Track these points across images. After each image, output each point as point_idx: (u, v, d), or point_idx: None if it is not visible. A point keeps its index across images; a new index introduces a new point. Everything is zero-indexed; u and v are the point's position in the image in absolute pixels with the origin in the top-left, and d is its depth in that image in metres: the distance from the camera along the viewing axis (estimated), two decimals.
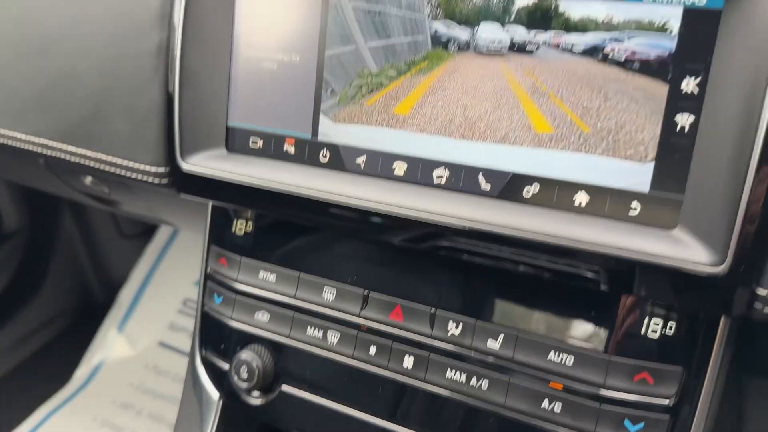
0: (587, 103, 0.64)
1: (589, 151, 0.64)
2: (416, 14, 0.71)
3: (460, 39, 0.69)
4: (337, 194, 0.74)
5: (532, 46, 0.66)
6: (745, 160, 0.56)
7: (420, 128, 0.72)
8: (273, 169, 0.79)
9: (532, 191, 0.68)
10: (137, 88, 0.84)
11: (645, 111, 0.61)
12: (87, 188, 1.21)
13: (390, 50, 0.73)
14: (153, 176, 0.86)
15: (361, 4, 0.73)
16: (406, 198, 0.72)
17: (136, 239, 2.15)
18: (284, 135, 0.80)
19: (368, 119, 0.75)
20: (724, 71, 0.57)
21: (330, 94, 0.77)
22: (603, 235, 0.62)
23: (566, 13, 0.64)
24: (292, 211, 0.79)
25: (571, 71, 0.64)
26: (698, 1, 0.58)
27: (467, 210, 0.69)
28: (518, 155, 0.68)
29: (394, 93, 0.74)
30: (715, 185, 0.58)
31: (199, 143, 0.82)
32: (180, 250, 2.12)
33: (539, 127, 0.66)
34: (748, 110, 0.55)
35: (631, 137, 0.62)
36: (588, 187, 0.65)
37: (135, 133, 0.86)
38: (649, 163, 0.62)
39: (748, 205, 0.56)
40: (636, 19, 0.61)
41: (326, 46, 0.76)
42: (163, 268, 2.13)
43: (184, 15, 0.78)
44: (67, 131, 0.91)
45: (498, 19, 0.67)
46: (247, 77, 0.81)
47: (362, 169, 0.76)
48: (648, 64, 0.61)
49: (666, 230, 0.61)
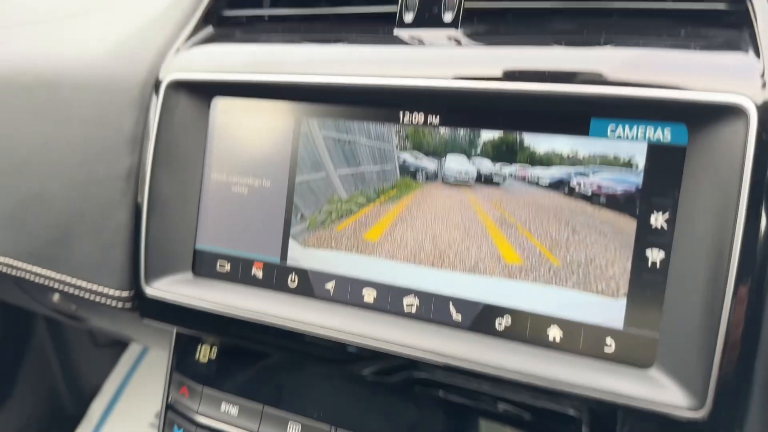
0: (556, 236, 0.63)
1: (560, 284, 0.62)
2: (385, 144, 0.71)
3: (428, 169, 0.69)
4: (305, 323, 0.72)
5: (498, 178, 0.66)
6: (719, 299, 0.54)
7: (390, 255, 0.71)
8: (239, 295, 0.76)
9: (504, 323, 0.65)
10: (105, 212, 0.83)
11: (614, 245, 0.60)
12: (55, 305, 1.17)
13: (359, 178, 0.73)
14: (116, 300, 0.83)
15: (332, 133, 0.74)
16: (376, 328, 0.69)
17: (110, 349, 2.08)
18: (253, 259, 0.78)
19: (338, 244, 0.74)
20: (692, 207, 0.57)
21: (300, 218, 0.76)
22: (578, 374, 0.59)
23: (531, 147, 0.64)
24: (258, 339, 0.76)
25: (538, 204, 0.64)
26: (663, 138, 0.59)
27: (438, 343, 0.66)
28: (489, 286, 0.66)
29: (363, 219, 0.73)
30: (690, 324, 0.56)
31: (165, 267, 0.80)
32: (154, 361, 2.06)
33: (509, 258, 0.65)
34: (718, 248, 0.54)
35: (601, 271, 0.61)
36: (561, 321, 0.63)
37: (100, 256, 0.84)
38: (622, 298, 0.60)
39: (725, 345, 0.54)
40: (600, 154, 0.61)
41: (297, 172, 0.76)
42: (136, 379, 2.06)
43: (155, 139, 0.78)
44: (34, 252, 0.89)
45: (464, 152, 0.67)
46: (217, 201, 0.80)
47: (331, 295, 0.74)
48: (615, 198, 0.61)
49: (642, 369, 0.59)
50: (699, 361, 0.55)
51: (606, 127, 0.61)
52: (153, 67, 0.82)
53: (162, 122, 0.79)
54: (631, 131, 0.60)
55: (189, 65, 0.80)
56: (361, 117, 0.72)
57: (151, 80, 0.82)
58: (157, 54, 0.83)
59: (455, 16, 0.70)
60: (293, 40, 0.77)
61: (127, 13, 0.94)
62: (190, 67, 0.79)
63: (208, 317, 0.77)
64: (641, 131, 0.59)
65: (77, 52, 0.90)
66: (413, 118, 0.69)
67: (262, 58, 0.76)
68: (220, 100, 0.80)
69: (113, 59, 0.86)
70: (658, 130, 0.59)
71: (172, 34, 0.85)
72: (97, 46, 0.89)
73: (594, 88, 0.59)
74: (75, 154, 0.85)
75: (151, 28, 0.87)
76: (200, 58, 0.80)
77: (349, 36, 0.75)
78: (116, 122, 0.82)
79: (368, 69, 0.69)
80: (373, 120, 0.72)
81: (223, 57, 0.79)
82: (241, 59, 0.77)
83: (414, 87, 0.66)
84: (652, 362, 0.58)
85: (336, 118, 0.74)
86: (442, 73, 0.65)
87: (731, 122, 0.54)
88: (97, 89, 0.85)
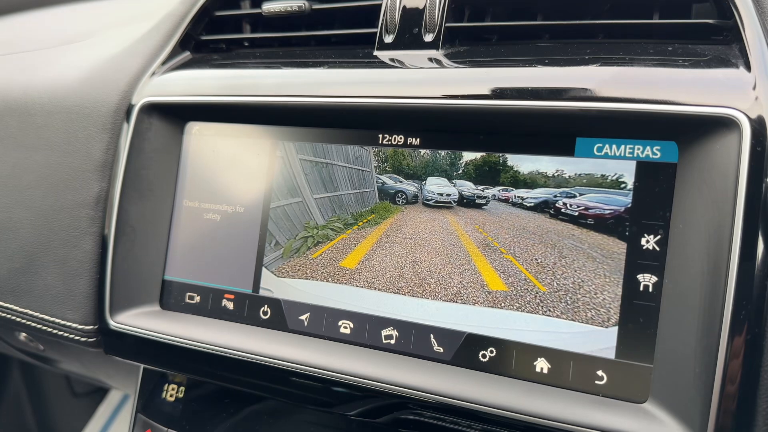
0: (542, 260, 0.59)
1: (546, 312, 0.58)
2: (363, 167, 0.68)
3: (408, 192, 0.66)
4: (277, 358, 0.67)
5: (481, 200, 0.62)
6: (716, 325, 0.50)
7: (367, 283, 0.67)
8: (208, 328, 0.72)
9: (488, 355, 0.61)
10: (71, 240, 0.79)
11: (603, 270, 0.56)
12: (22, 345, 1.12)
13: (337, 202, 0.70)
14: (79, 334, 0.78)
15: (309, 156, 0.71)
16: (353, 363, 0.64)
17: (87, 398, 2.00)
18: (223, 290, 0.74)
19: (313, 273, 0.70)
20: (684, 227, 0.54)
21: (274, 246, 0.72)
22: (568, 409, 0.55)
23: (514, 168, 0.61)
24: (228, 376, 0.71)
25: (522, 226, 0.60)
26: (652, 155, 0.56)
27: (418, 378, 0.61)
28: (472, 315, 0.62)
29: (340, 246, 0.69)
30: (686, 353, 0.52)
31: (131, 298, 0.76)
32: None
33: (492, 284, 0.61)
34: (714, 269, 0.51)
35: (590, 298, 0.57)
36: (549, 351, 0.58)
37: (65, 288, 0.79)
38: (613, 327, 0.56)
39: (724, 375, 0.49)
40: (587, 173, 0.58)
41: (272, 197, 0.72)
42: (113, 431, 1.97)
43: (125, 165, 0.75)
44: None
45: (445, 173, 0.64)
46: (188, 229, 0.76)
47: (305, 327, 0.69)
48: (603, 220, 0.57)
49: (637, 404, 0.54)
50: (697, 393, 0.51)
51: (592, 147, 0.58)
52: (126, 91, 0.80)
53: (133, 147, 0.76)
54: (618, 149, 0.57)
55: (163, 89, 0.77)
56: (338, 140, 0.69)
57: (123, 105, 0.79)
58: (131, 79, 0.81)
59: (436, 37, 0.69)
60: (271, 64, 0.75)
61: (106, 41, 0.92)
62: (164, 90, 0.77)
63: (175, 352, 0.72)
64: (629, 149, 0.57)
65: (51, 79, 0.88)
66: (393, 140, 0.67)
67: (238, 80, 0.73)
68: (194, 125, 0.77)
69: (86, 84, 0.83)
70: (647, 147, 0.56)
71: (148, 59, 0.83)
72: (71, 72, 0.87)
73: (580, 105, 0.56)
74: (42, 180, 0.82)
75: (127, 53, 0.85)
76: (175, 82, 0.78)
77: (328, 59, 0.73)
78: (85, 147, 0.79)
79: (346, 89, 0.66)
80: (351, 143, 0.69)
81: (198, 80, 0.76)
82: (217, 82, 0.74)
83: (393, 106, 0.63)
84: (647, 395, 0.54)
85: (313, 141, 0.71)
86: (423, 92, 0.63)
87: (723, 136, 0.51)
88: (67, 114, 0.82)
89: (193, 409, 0.78)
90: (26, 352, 1.19)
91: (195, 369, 0.74)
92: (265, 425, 0.74)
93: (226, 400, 0.76)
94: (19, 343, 1.12)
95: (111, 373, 1.04)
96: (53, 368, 1.30)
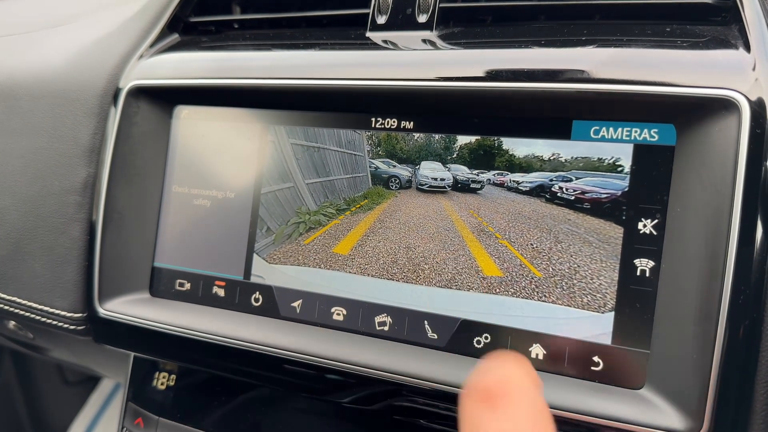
0: (537, 245, 0.58)
1: (542, 298, 0.58)
2: (356, 152, 0.67)
3: (402, 177, 0.65)
4: (269, 345, 0.66)
5: (475, 185, 0.61)
6: (714, 310, 0.49)
7: (360, 270, 0.66)
8: (199, 316, 0.71)
9: (483, 342, 0.60)
10: (59, 227, 0.77)
11: (600, 254, 0.56)
12: (11, 333, 1.10)
13: (329, 187, 0.69)
14: (68, 322, 0.77)
15: (300, 140, 0.70)
16: (345, 349, 0.63)
17: (79, 386, 1.98)
18: (214, 277, 0.73)
19: (305, 260, 0.68)
20: (682, 210, 0.53)
21: (265, 232, 0.71)
22: (564, 396, 0.54)
23: (510, 152, 0.60)
24: (219, 364, 0.70)
25: (518, 211, 0.59)
26: (649, 138, 0.55)
27: (412, 364, 0.60)
28: (466, 301, 0.61)
29: (333, 231, 0.68)
30: (683, 338, 0.51)
31: (120, 286, 0.74)
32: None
33: (487, 270, 0.60)
34: (712, 253, 0.50)
35: (587, 283, 0.56)
36: (544, 338, 0.58)
37: (52, 275, 0.78)
38: (609, 312, 0.55)
39: (722, 360, 0.49)
40: (584, 156, 0.57)
41: (263, 182, 0.71)
42: (106, 419, 1.96)
43: (113, 150, 0.74)
44: None
45: (440, 158, 0.63)
46: (178, 215, 0.75)
47: (298, 314, 0.68)
48: (600, 204, 0.56)
49: (633, 390, 0.53)
50: (694, 379, 0.50)
51: (589, 130, 0.57)
52: (113, 74, 0.78)
53: (120, 132, 0.74)
54: (615, 132, 0.56)
55: (151, 72, 0.75)
56: (330, 123, 0.68)
57: (111, 88, 0.77)
58: (118, 62, 0.79)
59: (430, 18, 0.67)
60: (261, 46, 0.73)
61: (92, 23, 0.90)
62: (152, 73, 0.75)
63: (166, 339, 0.71)
64: (626, 132, 0.56)
65: (37, 62, 0.86)
66: (386, 124, 0.65)
67: (227, 63, 0.72)
68: (183, 109, 0.76)
69: (72, 68, 0.81)
70: (645, 130, 0.55)
71: (135, 41, 0.81)
72: (57, 55, 0.85)
73: (576, 86, 0.55)
74: (28, 166, 0.80)
75: (114, 36, 0.83)
76: (163, 65, 0.76)
77: (320, 40, 0.71)
78: (72, 132, 0.78)
79: (338, 72, 0.65)
80: (343, 126, 0.67)
81: (186, 63, 0.75)
82: (206, 65, 0.73)
83: (386, 88, 0.62)
84: (643, 381, 0.53)
85: (305, 125, 0.69)
86: (416, 74, 0.61)
87: (722, 118, 0.50)
88: (53, 99, 0.80)
89: (184, 398, 0.77)
90: (16, 341, 1.17)
91: (186, 357, 0.73)
92: (256, 413, 0.73)
93: (217, 388, 0.75)
94: (8, 331, 1.11)
95: (101, 362, 1.03)
96: (44, 357, 1.29)
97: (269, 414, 0.73)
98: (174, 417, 0.75)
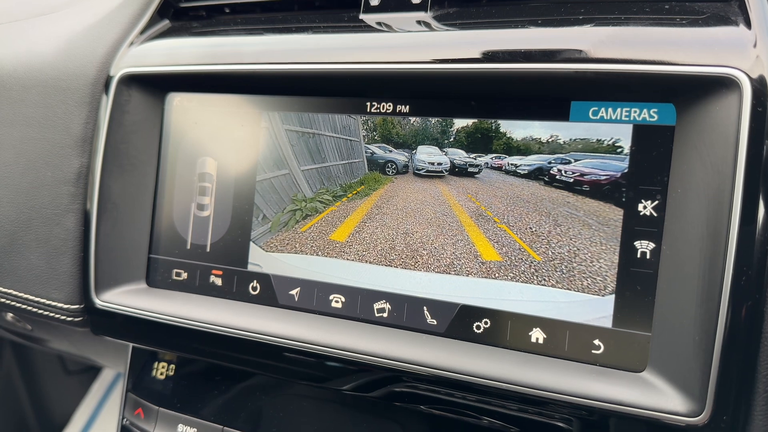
0: (536, 229, 0.58)
1: (541, 282, 0.57)
2: (352, 137, 0.66)
3: (398, 162, 0.64)
4: (268, 333, 0.65)
5: (473, 169, 0.61)
6: (716, 291, 0.49)
7: (358, 256, 0.65)
8: (197, 305, 0.70)
9: (483, 327, 0.60)
10: (53, 218, 0.76)
11: (600, 237, 0.55)
12: (10, 325, 1.10)
13: (325, 174, 0.68)
14: (65, 313, 0.77)
15: (295, 126, 0.69)
16: (345, 337, 0.63)
17: (81, 376, 1.98)
18: (211, 266, 0.72)
19: (302, 247, 0.68)
20: (683, 191, 0.52)
21: (261, 220, 0.70)
22: (565, 379, 0.54)
23: (507, 134, 0.59)
24: (218, 353, 0.70)
25: (516, 194, 0.59)
26: (649, 118, 0.54)
27: (412, 350, 0.60)
28: (465, 286, 0.60)
29: (330, 218, 0.67)
30: (685, 320, 0.51)
31: (116, 277, 0.74)
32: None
33: (486, 255, 0.59)
34: (713, 234, 0.49)
35: (586, 266, 0.55)
36: (544, 321, 0.57)
37: (48, 267, 0.77)
38: (609, 295, 0.54)
39: (724, 342, 0.48)
40: (582, 138, 0.56)
41: (258, 170, 0.70)
42: (108, 408, 1.96)
43: (105, 139, 0.73)
44: None
45: (436, 142, 0.62)
46: (173, 204, 0.74)
47: (296, 302, 0.68)
48: (599, 186, 0.56)
49: (635, 373, 0.53)
50: (696, 361, 0.50)
51: (587, 110, 0.56)
52: (104, 63, 0.77)
53: (113, 121, 0.73)
54: (614, 113, 0.55)
55: (142, 59, 0.74)
56: (325, 109, 0.67)
57: (102, 77, 0.76)
58: (109, 49, 0.78)
59: None
60: (253, 31, 0.72)
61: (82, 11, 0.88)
62: (143, 61, 0.74)
63: (164, 330, 0.70)
64: (625, 113, 0.55)
65: (27, 51, 0.84)
66: (381, 108, 0.64)
67: (219, 48, 0.70)
68: (175, 96, 0.75)
69: (63, 57, 0.80)
70: (644, 110, 0.54)
71: (125, 28, 0.79)
72: (47, 44, 0.83)
73: (574, 66, 0.54)
74: (21, 157, 0.79)
75: (104, 23, 0.81)
76: (154, 52, 0.74)
77: (312, 23, 0.70)
78: (64, 122, 0.76)
79: (331, 56, 0.64)
80: (338, 111, 0.66)
81: (178, 49, 0.73)
82: (197, 51, 0.71)
83: (381, 72, 0.61)
84: (645, 364, 0.53)
85: (299, 111, 0.68)
86: (411, 57, 0.60)
87: (723, 97, 0.49)
88: (44, 88, 0.79)
89: (183, 387, 0.77)
90: (15, 333, 1.17)
91: (184, 347, 0.72)
92: (256, 401, 0.73)
93: (216, 377, 0.75)
94: (7, 323, 1.10)
95: (101, 352, 1.03)
96: (43, 348, 1.28)
97: (269, 402, 0.73)
98: (174, 407, 0.75)
